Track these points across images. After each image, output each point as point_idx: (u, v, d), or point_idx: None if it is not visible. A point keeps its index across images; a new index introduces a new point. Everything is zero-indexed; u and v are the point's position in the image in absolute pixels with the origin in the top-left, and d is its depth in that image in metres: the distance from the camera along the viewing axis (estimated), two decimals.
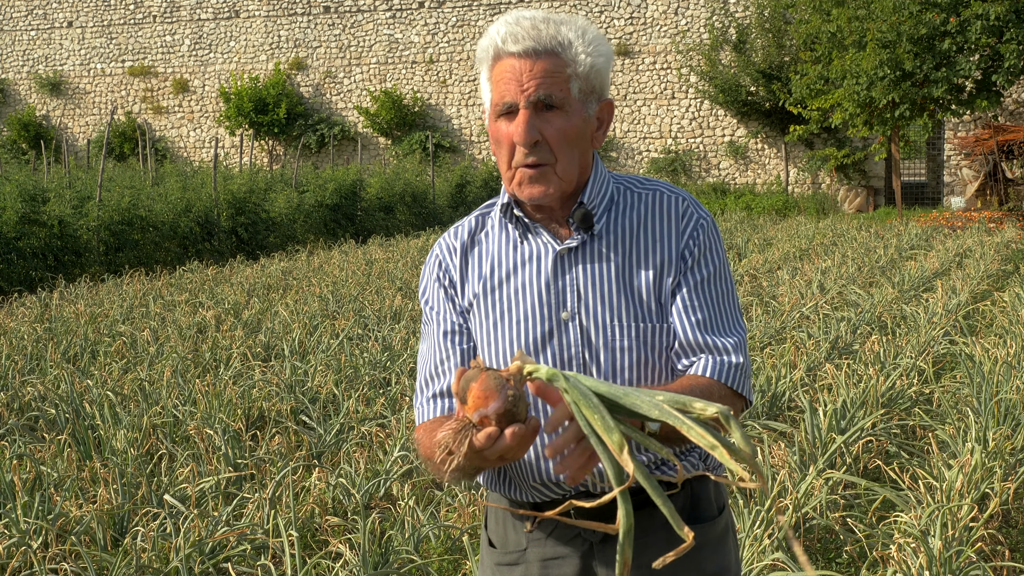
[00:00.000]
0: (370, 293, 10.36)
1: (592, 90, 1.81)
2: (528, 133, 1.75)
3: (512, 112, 1.77)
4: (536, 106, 1.75)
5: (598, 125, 1.86)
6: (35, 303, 10.30)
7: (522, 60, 1.75)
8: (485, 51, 1.79)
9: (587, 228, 1.84)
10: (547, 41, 1.75)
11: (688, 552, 1.88)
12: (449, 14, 27.40)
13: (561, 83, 1.76)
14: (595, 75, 1.80)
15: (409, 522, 4.18)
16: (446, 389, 1.87)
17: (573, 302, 1.82)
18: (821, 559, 4.18)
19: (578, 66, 1.77)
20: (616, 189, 1.90)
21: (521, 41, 1.74)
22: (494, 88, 1.79)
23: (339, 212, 18.94)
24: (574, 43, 1.77)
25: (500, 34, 1.76)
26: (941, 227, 18.56)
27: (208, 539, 3.93)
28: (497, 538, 1.97)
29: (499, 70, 1.77)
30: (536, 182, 1.79)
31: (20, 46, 31.05)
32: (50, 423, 5.78)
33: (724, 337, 1.82)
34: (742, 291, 10.23)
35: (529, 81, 1.74)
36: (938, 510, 3.85)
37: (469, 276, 1.90)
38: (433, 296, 1.93)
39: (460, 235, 1.93)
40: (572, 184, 1.82)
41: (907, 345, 7.24)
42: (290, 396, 6.10)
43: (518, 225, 1.87)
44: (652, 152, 26.06)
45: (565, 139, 1.77)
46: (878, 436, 5.22)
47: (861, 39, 19.14)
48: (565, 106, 1.77)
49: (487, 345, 1.87)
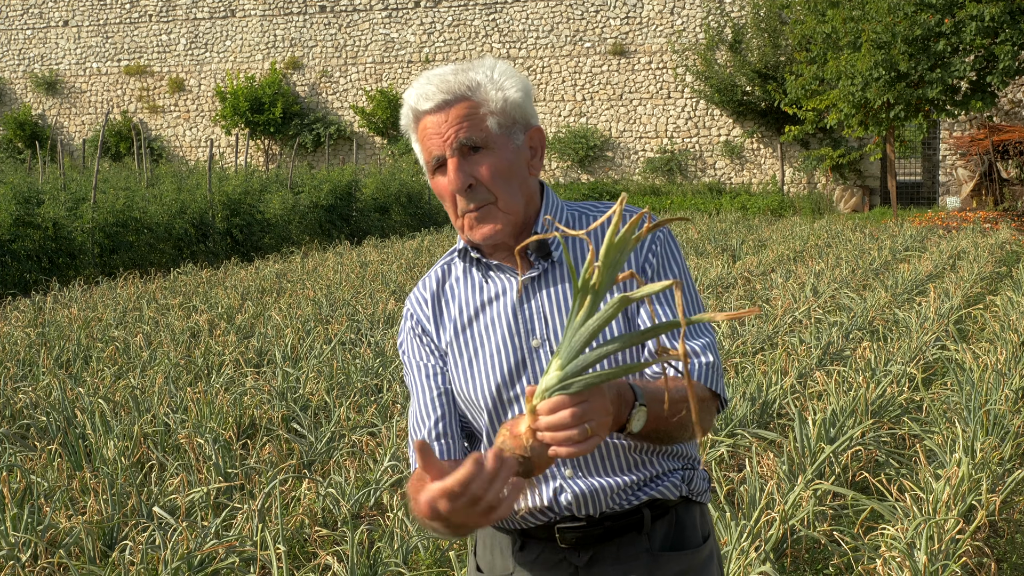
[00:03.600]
0: (364, 296, 10.36)
1: (514, 122, 1.83)
2: (460, 179, 1.78)
3: (443, 165, 1.81)
4: (462, 151, 1.79)
5: (532, 154, 1.88)
6: (29, 307, 10.30)
7: (438, 114, 1.79)
8: (407, 117, 1.85)
9: (545, 256, 1.87)
10: (456, 88, 1.79)
11: None
12: (445, 13, 27.39)
13: (478, 123, 1.79)
14: (512, 107, 1.83)
15: (398, 533, 4.19)
16: (429, 434, 1.89)
17: (542, 329, 1.84)
18: (809, 571, 4.20)
19: (492, 103, 1.80)
20: (572, 215, 1.93)
21: (432, 97, 1.79)
22: (423, 148, 1.83)
23: (334, 213, 18.93)
24: (483, 83, 1.80)
25: (413, 98, 1.81)
26: (936, 227, 18.59)
27: (196, 552, 3.94)
28: (485, 563, 1.99)
29: (422, 130, 1.82)
30: (482, 222, 1.82)
31: (16, 45, 31.01)
32: (41, 431, 5.78)
33: (694, 340, 1.85)
34: (736, 294, 10.24)
35: (448, 130, 1.78)
36: (924, 523, 3.87)
37: (443, 323, 1.93)
38: (410, 346, 1.97)
39: (429, 286, 1.97)
40: (519, 215, 1.84)
41: (898, 351, 7.26)
42: (281, 403, 6.11)
43: (478, 267, 1.91)
44: (648, 152, 26.06)
45: (498, 174, 1.80)
46: (867, 445, 5.23)
47: (856, 40, 19.15)
48: (489, 143, 1.80)
49: (465, 383, 1.89)
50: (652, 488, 1.87)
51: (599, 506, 1.84)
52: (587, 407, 1.48)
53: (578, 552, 1.88)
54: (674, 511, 1.92)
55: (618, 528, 1.87)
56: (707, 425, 1.82)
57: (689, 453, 1.94)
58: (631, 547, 1.87)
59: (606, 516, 1.86)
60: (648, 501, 1.87)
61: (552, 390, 1.47)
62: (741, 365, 6.98)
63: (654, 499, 1.88)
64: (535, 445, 1.49)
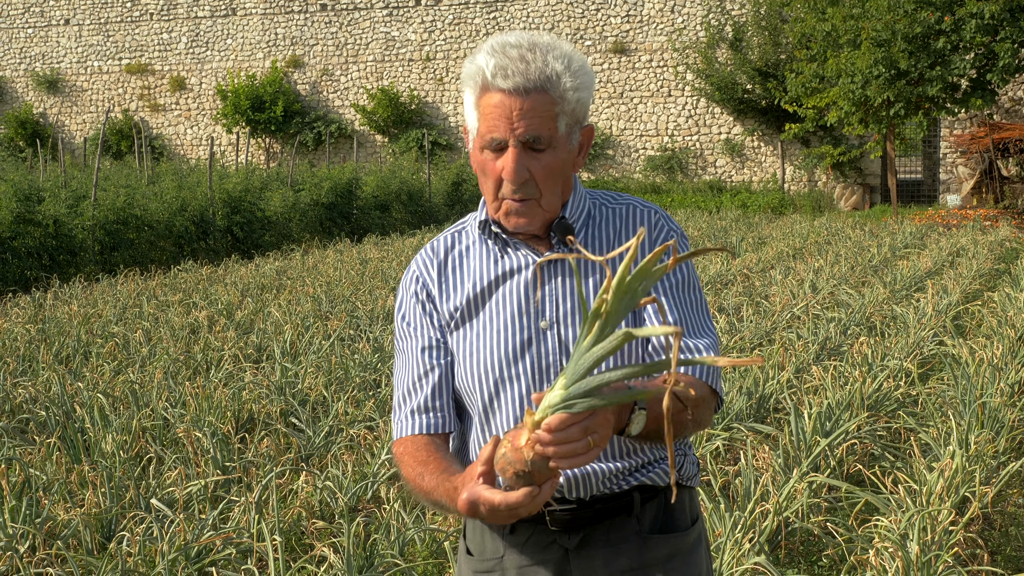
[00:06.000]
0: (363, 293, 10.39)
1: (577, 122, 1.85)
2: (518, 173, 1.79)
3: (500, 147, 1.79)
4: (525, 145, 1.78)
5: (579, 150, 1.89)
6: (29, 303, 10.32)
7: (511, 97, 1.76)
8: (472, 78, 1.80)
9: (565, 243, 1.89)
10: (535, 76, 1.76)
11: (660, 562, 1.93)
12: (446, 12, 27.40)
13: (549, 122, 1.78)
14: (580, 107, 1.83)
15: (394, 525, 4.21)
16: (423, 404, 1.91)
17: (552, 312, 1.86)
18: (803, 562, 4.22)
19: (566, 103, 1.79)
20: (592, 204, 1.95)
21: (511, 77, 1.75)
22: (482, 120, 1.80)
23: (335, 211, 18.95)
24: (562, 76, 1.78)
25: (489, 66, 1.76)
26: (936, 225, 18.60)
27: (194, 543, 3.96)
28: (475, 546, 2.00)
29: (487, 103, 1.79)
30: (522, 215, 1.84)
31: (17, 43, 31.04)
32: (40, 425, 5.81)
33: (697, 339, 1.87)
34: (735, 291, 10.26)
35: (519, 121, 1.76)
36: (917, 514, 3.88)
37: (447, 290, 1.94)
38: (411, 312, 1.96)
39: (437, 251, 1.97)
40: (555, 213, 1.88)
41: (895, 346, 7.27)
42: (280, 398, 6.13)
43: (497, 241, 1.92)
44: (648, 150, 26.08)
45: (551, 175, 1.82)
46: (863, 439, 5.25)
47: (856, 38, 19.16)
48: (553, 143, 1.80)
49: (469, 354, 1.90)
50: (643, 474, 1.90)
51: (590, 489, 1.87)
52: (591, 422, 1.52)
53: (568, 534, 1.89)
54: (663, 494, 1.94)
55: (608, 510, 1.89)
56: (705, 423, 1.85)
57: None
58: (621, 529, 1.90)
59: (596, 499, 1.88)
60: (638, 485, 1.90)
61: (556, 408, 1.51)
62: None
63: (644, 484, 1.90)
64: (535, 459, 1.54)
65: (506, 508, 1.56)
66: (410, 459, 1.87)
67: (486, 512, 1.59)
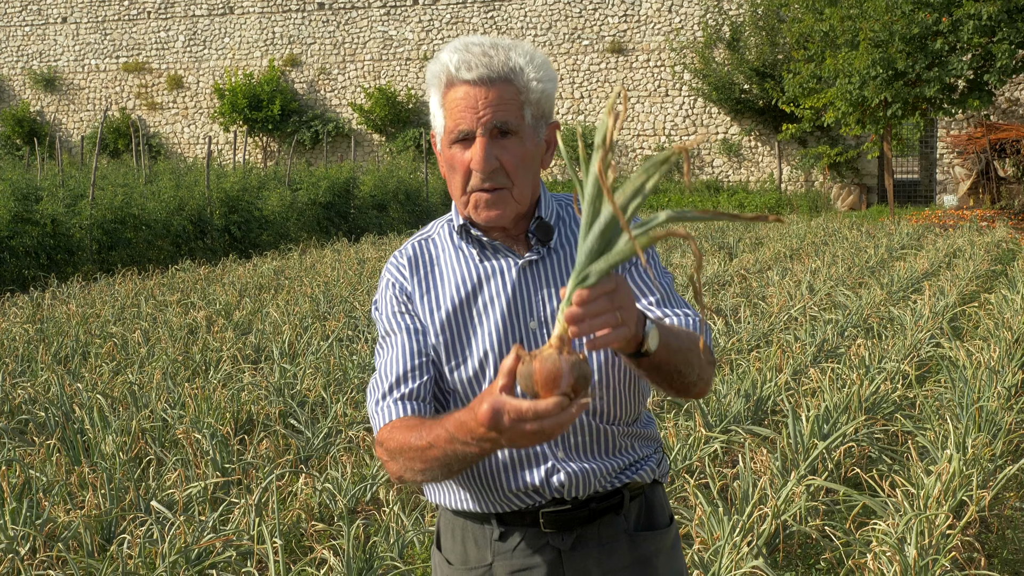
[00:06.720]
0: (361, 293, 10.39)
1: (542, 115, 1.86)
2: (487, 160, 1.79)
3: (468, 139, 1.80)
4: (492, 133, 1.79)
5: (546, 147, 1.90)
6: (27, 303, 10.32)
7: (476, 88, 1.78)
8: (436, 77, 1.82)
9: (545, 241, 1.90)
10: (499, 68, 1.78)
11: (647, 559, 1.96)
12: (443, 11, 27.40)
13: (515, 110, 1.80)
14: (545, 100, 1.85)
15: (394, 528, 4.22)
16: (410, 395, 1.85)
17: (540, 312, 1.87)
18: (801, 566, 4.23)
19: (530, 93, 1.81)
20: (558, 205, 1.97)
21: (475, 69, 1.77)
22: (448, 115, 1.82)
23: (332, 210, 18.95)
24: (525, 69, 1.81)
25: (452, 61, 1.79)
26: (933, 226, 18.63)
27: (194, 545, 3.97)
28: (455, 555, 1.97)
29: (452, 97, 1.80)
30: (493, 206, 1.83)
31: (14, 42, 31.01)
32: (40, 427, 5.81)
33: (682, 308, 1.91)
34: (731, 292, 10.27)
35: (485, 108, 1.78)
36: (915, 518, 3.90)
37: (428, 295, 1.91)
38: (391, 309, 1.93)
39: (407, 255, 1.96)
40: (526, 206, 1.88)
41: (892, 348, 7.29)
42: (279, 399, 6.14)
43: (474, 244, 1.91)
44: (645, 149, 26.10)
45: (521, 164, 1.82)
46: (860, 442, 5.27)
47: (854, 38, 19.19)
48: (520, 132, 1.81)
49: (459, 360, 1.88)
50: (632, 472, 1.94)
51: (588, 488, 1.88)
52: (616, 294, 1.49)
53: (562, 535, 1.90)
54: (644, 493, 1.98)
55: (601, 509, 1.91)
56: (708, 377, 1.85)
57: (658, 437, 2.03)
58: (611, 527, 1.92)
59: (591, 498, 1.90)
60: (628, 483, 1.94)
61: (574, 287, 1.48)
62: (736, 362, 7.02)
63: (632, 482, 1.94)
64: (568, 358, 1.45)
65: (534, 416, 1.44)
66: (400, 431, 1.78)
67: (509, 424, 1.46)
